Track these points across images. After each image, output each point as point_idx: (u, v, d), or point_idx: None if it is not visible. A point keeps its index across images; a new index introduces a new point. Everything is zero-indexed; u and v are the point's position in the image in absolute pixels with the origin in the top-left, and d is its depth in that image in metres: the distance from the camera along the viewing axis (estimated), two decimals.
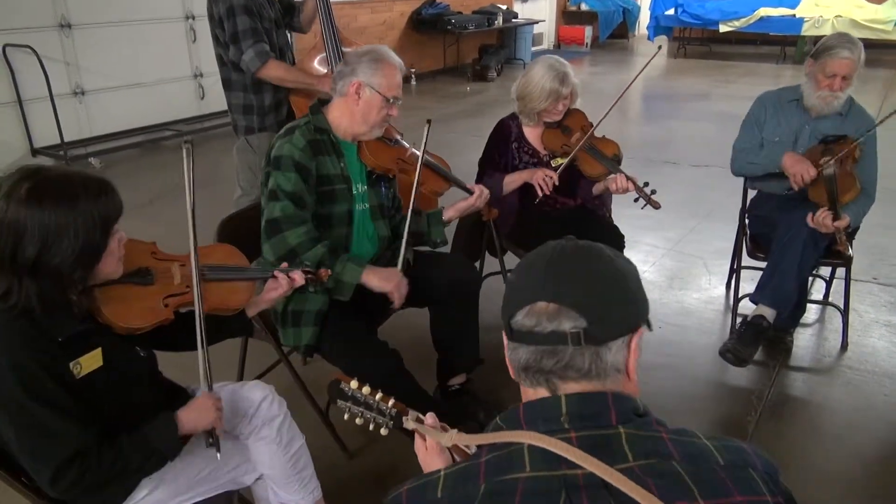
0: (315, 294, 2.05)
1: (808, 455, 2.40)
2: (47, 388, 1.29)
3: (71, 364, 1.34)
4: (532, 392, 0.90)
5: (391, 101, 2.16)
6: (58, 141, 5.49)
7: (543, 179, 2.67)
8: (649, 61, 2.97)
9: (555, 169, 2.75)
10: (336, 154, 2.18)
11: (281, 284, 1.83)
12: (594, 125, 2.80)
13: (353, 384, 1.21)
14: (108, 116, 6.05)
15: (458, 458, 1.15)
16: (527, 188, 2.76)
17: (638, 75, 2.88)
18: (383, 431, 1.21)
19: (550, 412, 0.85)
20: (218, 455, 1.51)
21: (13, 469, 1.42)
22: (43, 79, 5.27)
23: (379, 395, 1.21)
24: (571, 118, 2.83)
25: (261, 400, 1.67)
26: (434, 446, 1.15)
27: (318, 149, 2.14)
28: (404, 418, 1.19)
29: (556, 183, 2.68)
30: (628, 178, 2.61)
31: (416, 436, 1.18)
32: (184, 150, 1.52)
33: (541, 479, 0.79)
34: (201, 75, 6.75)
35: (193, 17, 6.55)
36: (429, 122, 2.38)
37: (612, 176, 2.66)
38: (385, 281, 2.12)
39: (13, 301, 1.29)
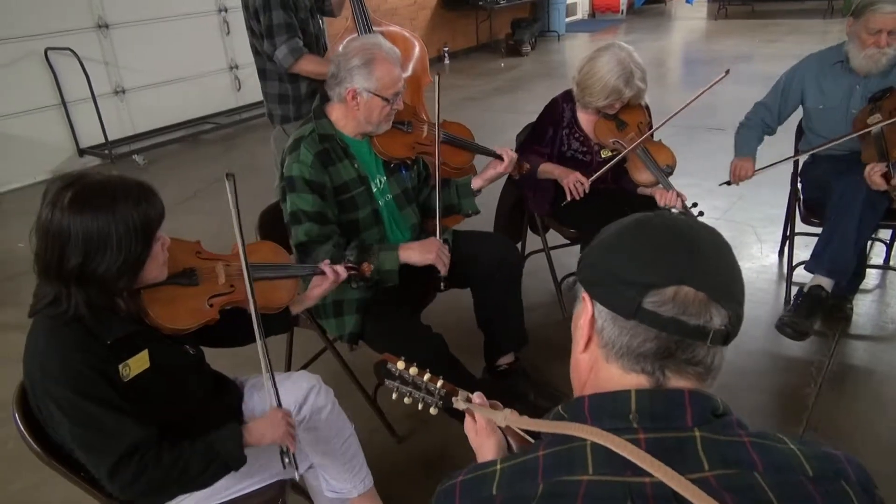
0: (357, 289, 2.03)
1: (873, 427, 2.31)
2: (100, 388, 1.31)
3: (120, 366, 1.35)
4: (618, 377, 0.81)
5: (391, 99, 2.09)
6: (102, 140, 5.61)
7: (575, 185, 2.58)
8: (711, 85, 2.47)
9: (603, 161, 2.67)
10: (347, 157, 2.13)
11: (326, 280, 1.82)
12: (651, 129, 2.64)
13: (400, 364, 1.19)
14: (148, 113, 6.16)
15: (511, 441, 1.11)
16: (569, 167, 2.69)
17: (701, 94, 2.47)
18: (433, 411, 1.19)
19: (618, 408, 0.77)
20: (297, 475, 1.53)
21: (73, 465, 1.45)
22: (84, 80, 5.37)
23: (427, 376, 1.19)
24: (629, 112, 2.66)
25: (308, 390, 1.68)
26: (484, 428, 1.10)
27: (328, 159, 2.09)
28: (454, 399, 1.16)
29: (587, 190, 2.58)
30: (677, 195, 2.46)
31: (467, 417, 1.14)
32: (227, 184, 1.46)
33: (604, 484, 0.72)
34: (237, 67, 6.80)
35: (226, 10, 6.60)
36: (437, 74, 2.29)
37: (660, 188, 2.52)
38: (425, 253, 2.12)
39: (63, 308, 1.31)
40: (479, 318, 2.42)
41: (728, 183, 2.90)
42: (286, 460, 1.50)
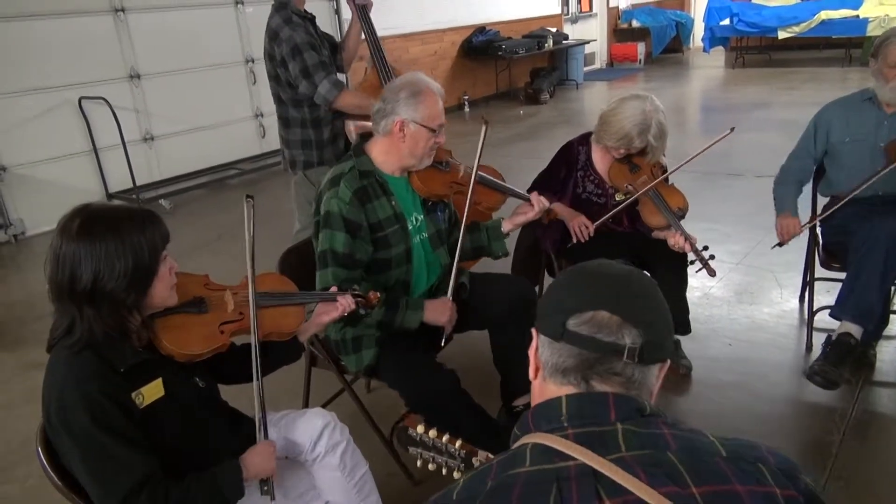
0: (367, 316, 2.06)
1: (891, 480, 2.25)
2: (115, 418, 1.34)
3: (133, 394, 1.39)
4: (554, 391, 0.92)
5: (436, 130, 2.15)
6: (130, 185, 5.76)
7: (580, 228, 2.64)
8: (717, 141, 2.60)
9: (616, 204, 2.70)
10: (385, 195, 2.16)
11: (334, 308, 1.86)
12: (663, 174, 2.68)
13: (420, 428, 1.21)
14: (175, 159, 6.34)
15: None
16: (579, 211, 2.72)
17: (706, 149, 2.60)
18: (456, 475, 1.18)
19: (552, 412, 0.89)
20: (272, 502, 1.54)
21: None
22: (115, 127, 5.54)
23: (446, 438, 1.20)
24: (643, 156, 2.70)
25: (323, 427, 1.69)
26: None
27: (366, 196, 2.11)
28: (474, 459, 1.17)
29: (592, 234, 2.64)
30: (686, 238, 2.49)
31: None
32: (245, 206, 1.57)
33: (537, 472, 0.82)
34: (262, 115, 6.99)
35: (253, 61, 6.83)
36: (485, 122, 2.34)
37: (671, 231, 2.55)
38: (438, 315, 2.17)
39: (77, 335, 1.36)
40: (495, 359, 2.42)
41: (780, 244, 2.83)
42: (265, 487, 1.54)
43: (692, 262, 2.51)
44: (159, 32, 6.08)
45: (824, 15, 10.47)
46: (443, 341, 2.23)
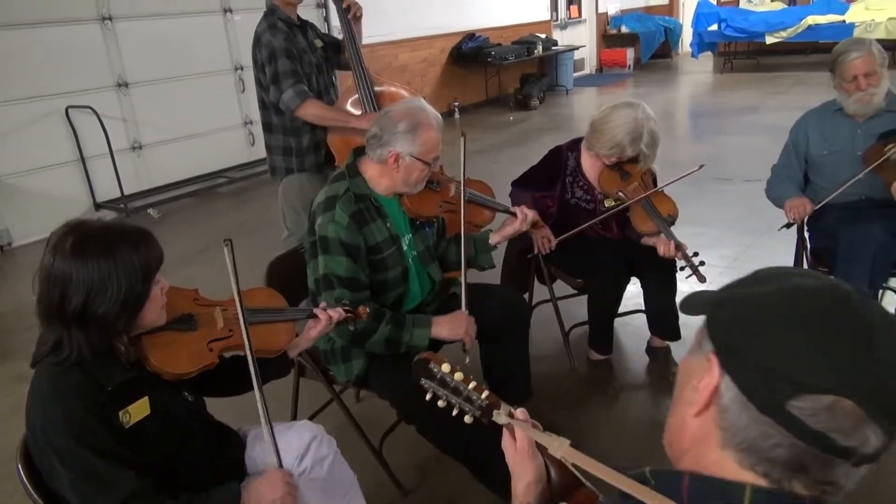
0: (355, 331, 2.04)
1: (892, 483, 2.25)
2: (100, 437, 1.32)
3: (120, 413, 1.36)
4: (730, 470, 0.70)
5: (431, 164, 2.12)
6: (118, 194, 5.73)
7: (542, 240, 2.65)
8: (685, 175, 2.70)
9: (605, 210, 2.71)
10: (381, 217, 2.13)
11: (321, 322, 1.84)
12: (653, 181, 2.69)
13: (445, 367, 1.14)
14: (164, 168, 6.30)
15: (551, 468, 1.05)
16: (567, 217, 2.72)
17: (675, 181, 2.68)
18: (467, 419, 1.13)
19: (728, 501, 0.67)
20: None
21: None
22: (103, 136, 5.51)
23: (472, 385, 1.14)
24: (633, 163, 2.71)
25: (310, 440, 1.67)
26: (525, 449, 1.04)
27: (363, 220, 2.08)
28: (495, 411, 1.10)
29: (553, 248, 2.65)
30: (677, 245, 2.50)
31: (505, 433, 1.09)
32: (225, 250, 1.52)
33: None
34: (251, 123, 6.97)
35: (242, 69, 6.81)
36: (463, 134, 2.33)
37: (661, 237, 2.55)
38: (455, 330, 2.13)
39: (65, 354, 1.33)
40: (485, 371, 2.41)
41: (788, 225, 2.83)
42: None
43: (682, 269, 2.51)
44: (147, 41, 6.05)
45: (811, 20, 10.56)
46: (467, 359, 2.18)
